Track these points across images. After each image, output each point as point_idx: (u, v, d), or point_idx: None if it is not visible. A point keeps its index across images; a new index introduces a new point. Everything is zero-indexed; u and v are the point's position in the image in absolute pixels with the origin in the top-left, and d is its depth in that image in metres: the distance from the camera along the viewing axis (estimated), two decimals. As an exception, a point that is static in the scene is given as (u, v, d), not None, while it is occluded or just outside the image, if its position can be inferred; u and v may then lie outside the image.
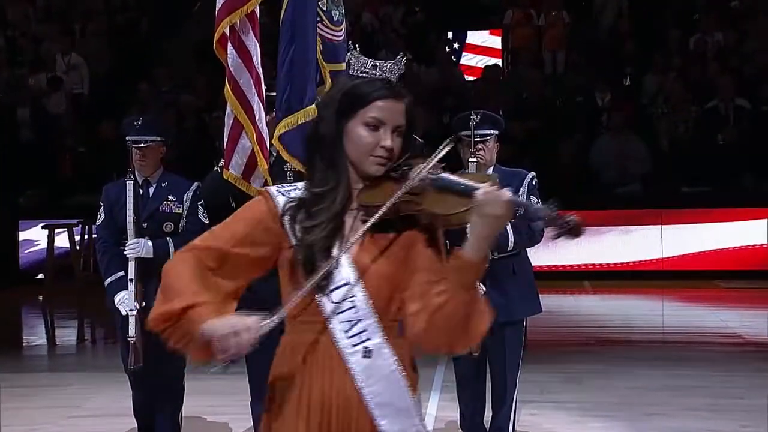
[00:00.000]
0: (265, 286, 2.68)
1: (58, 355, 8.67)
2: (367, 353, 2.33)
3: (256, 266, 2.42)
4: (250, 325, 2.25)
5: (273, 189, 2.44)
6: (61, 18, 15.18)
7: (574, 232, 2.23)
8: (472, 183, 2.29)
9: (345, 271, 2.35)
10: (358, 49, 2.47)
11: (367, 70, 2.40)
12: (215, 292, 2.35)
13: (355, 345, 2.33)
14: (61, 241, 11.37)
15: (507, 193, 2.23)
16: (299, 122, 4.50)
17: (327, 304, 2.34)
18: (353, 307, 2.34)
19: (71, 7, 15.26)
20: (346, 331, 2.33)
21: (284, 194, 2.41)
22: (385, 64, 2.41)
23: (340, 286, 2.33)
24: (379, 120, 2.35)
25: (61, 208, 11.90)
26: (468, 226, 2.26)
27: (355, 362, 2.33)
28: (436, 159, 2.34)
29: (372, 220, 2.31)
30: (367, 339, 2.34)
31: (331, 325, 2.33)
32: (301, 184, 2.44)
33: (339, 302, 2.34)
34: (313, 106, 4.49)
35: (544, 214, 2.24)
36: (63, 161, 12.66)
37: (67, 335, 9.58)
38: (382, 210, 2.30)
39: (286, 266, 2.39)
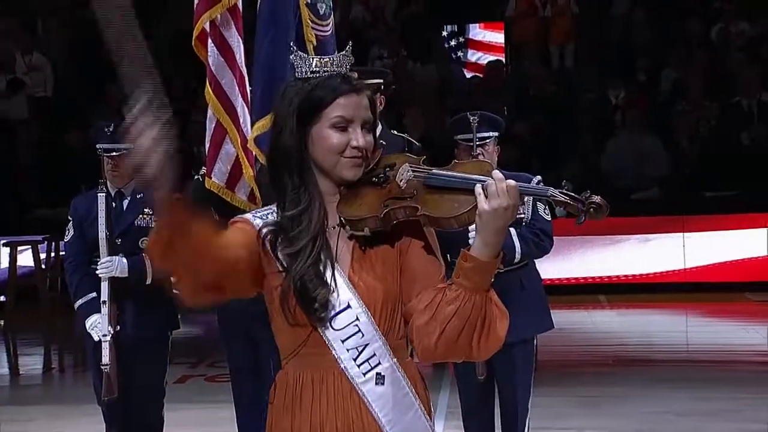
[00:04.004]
0: (236, 302, 2.71)
1: (21, 385, 8.63)
2: (380, 379, 2.34)
3: (250, 275, 2.37)
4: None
5: (249, 216, 2.43)
6: (21, 13, 15.16)
7: (596, 213, 2.22)
8: (469, 176, 2.27)
9: (343, 294, 2.34)
10: (296, 48, 2.48)
11: (318, 69, 2.39)
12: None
13: (366, 373, 2.33)
14: (25, 259, 11.33)
15: (511, 181, 2.26)
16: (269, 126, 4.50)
17: (330, 333, 2.33)
18: (358, 331, 2.33)
19: (32, 1, 15.24)
20: (355, 359, 2.33)
21: (262, 218, 2.40)
22: (334, 58, 2.41)
23: (341, 311, 2.32)
24: (345, 118, 2.35)
25: (24, 223, 11.87)
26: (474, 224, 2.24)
27: (369, 391, 2.33)
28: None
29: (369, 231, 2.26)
30: (378, 364, 2.34)
31: (338, 355, 2.32)
32: (275, 207, 2.42)
33: (342, 329, 2.33)
34: None
35: (561, 198, 2.23)
36: (25, 172, 12.62)
37: (32, 364, 9.53)
38: (378, 223, 2.28)
39: (275, 294, 2.36)
